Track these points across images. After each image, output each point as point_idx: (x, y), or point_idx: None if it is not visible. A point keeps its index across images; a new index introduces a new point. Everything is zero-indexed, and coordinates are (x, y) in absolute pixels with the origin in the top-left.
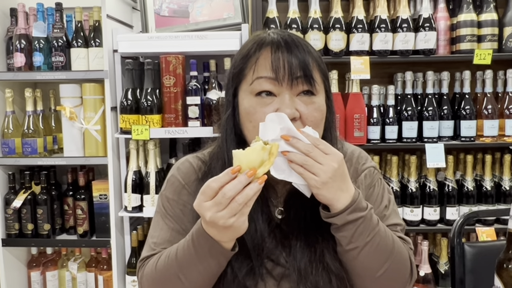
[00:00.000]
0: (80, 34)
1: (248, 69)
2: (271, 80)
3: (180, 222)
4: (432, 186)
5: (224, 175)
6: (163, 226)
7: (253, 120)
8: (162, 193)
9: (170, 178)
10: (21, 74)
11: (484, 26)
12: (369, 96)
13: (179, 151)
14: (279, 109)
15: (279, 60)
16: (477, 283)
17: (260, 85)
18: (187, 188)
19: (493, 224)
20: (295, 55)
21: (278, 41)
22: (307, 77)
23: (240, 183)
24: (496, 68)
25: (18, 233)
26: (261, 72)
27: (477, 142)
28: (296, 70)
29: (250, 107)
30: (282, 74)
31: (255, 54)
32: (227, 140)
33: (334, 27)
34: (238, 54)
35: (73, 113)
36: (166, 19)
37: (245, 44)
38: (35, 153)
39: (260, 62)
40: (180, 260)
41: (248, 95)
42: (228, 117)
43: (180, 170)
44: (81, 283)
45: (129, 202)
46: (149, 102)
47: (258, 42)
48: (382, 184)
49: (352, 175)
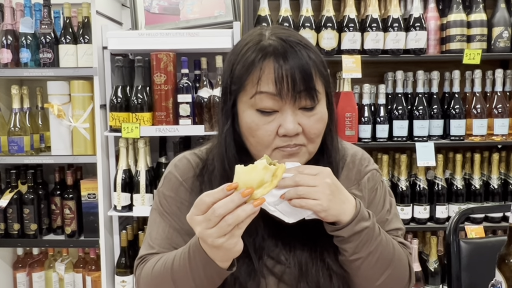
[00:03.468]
0: (68, 31)
1: (249, 80)
2: (273, 96)
3: (177, 220)
4: (422, 184)
5: (219, 191)
6: (160, 223)
7: (256, 136)
8: (159, 190)
9: (167, 175)
10: (8, 70)
11: (473, 26)
12: (360, 95)
13: (170, 150)
14: (281, 125)
15: (282, 75)
16: (473, 279)
17: (262, 101)
18: (184, 185)
19: (481, 223)
20: (298, 67)
21: (280, 51)
22: (310, 90)
23: (232, 202)
24: (485, 68)
25: (4, 233)
26: (264, 87)
27: (466, 141)
28: (299, 84)
29: (252, 122)
30: (285, 90)
31: (259, 65)
32: (227, 150)
33: (326, 25)
34: (238, 62)
35: (61, 111)
36: (156, 16)
37: (245, 50)
38: (21, 151)
39: (262, 77)
40: (175, 271)
41: (248, 108)
42: (228, 130)
43: (178, 167)
44: (69, 284)
45: (118, 201)
46: (139, 99)
47: (261, 52)
48: (384, 186)
49: (355, 177)
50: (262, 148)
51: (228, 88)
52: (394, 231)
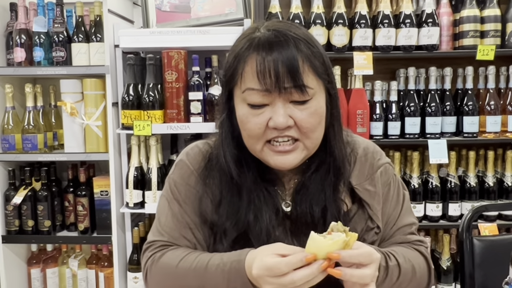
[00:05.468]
0: (81, 29)
1: (237, 75)
2: (260, 91)
3: (187, 207)
4: (435, 182)
5: (298, 262)
6: (170, 211)
7: (247, 129)
8: (170, 177)
9: (178, 162)
10: (21, 69)
11: (487, 22)
12: (371, 92)
13: (181, 147)
14: (272, 118)
15: (264, 69)
16: (487, 278)
17: (251, 96)
18: (195, 173)
19: (495, 220)
20: (282, 60)
21: (265, 42)
22: (297, 86)
23: (312, 274)
24: (498, 64)
25: (18, 229)
26: (249, 83)
27: (480, 138)
28: (284, 79)
29: (243, 115)
30: (269, 84)
31: (243, 58)
32: (223, 144)
33: (337, 22)
34: (231, 51)
35: (74, 109)
36: (167, 14)
37: (238, 42)
38: (35, 149)
39: (246, 71)
40: (207, 279)
41: (241, 102)
42: (223, 120)
43: (189, 155)
44: (82, 280)
45: (130, 198)
46: (151, 97)
47: (247, 43)
48: (397, 180)
49: (368, 171)
50: (254, 141)
51: (224, 81)
52: (407, 227)
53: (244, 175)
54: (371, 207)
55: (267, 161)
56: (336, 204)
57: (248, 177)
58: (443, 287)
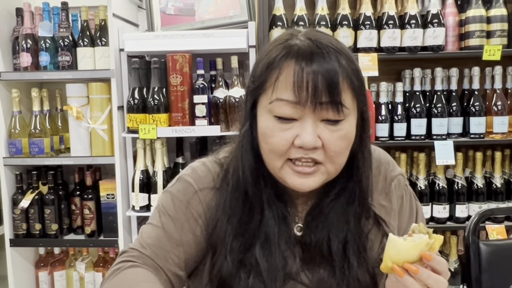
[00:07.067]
0: (86, 33)
1: (268, 83)
2: (292, 103)
3: (178, 228)
4: (441, 183)
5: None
6: (158, 227)
7: (269, 143)
8: (168, 190)
9: (182, 177)
10: (28, 74)
11: (493, 22)
12: (377, 93)
13: (186, 150)
14: (298, 135)
15: (302, 80)
16: (494, 282)
17: (280, 108)
18: (199, 194)
19: (503, 222)
20: (322, 73)
21: (305, 51)
22: (334, 102)
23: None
24: (505, 64)
25: (26, 233)
26: (282, 94)
27: (487, 138)
28: (321, 94)
29: (267, 128)
30: (305, 97)
31: (278, 65)
32: (242, 156)
33: (342, 24)
34: (262, 59)
35: (80, 113)
36: (171, 17)
37: (271, 48)
38: (42, 153)
39: (281, 79)
40: None
41: (266, 113)
42: (246, 131)
43: (196, 173)
44: (89, 283)
45: (136, 201)
46: (156, 101)
47: (284, 50)
48: (409, 191)
49: (382, 184)
50: (275, 157)
51: (249, 89)
52: None
53: (260, 192)
54: (388, 225)
55: (285, 180)
56: (359, 237)
57: (264, 194)
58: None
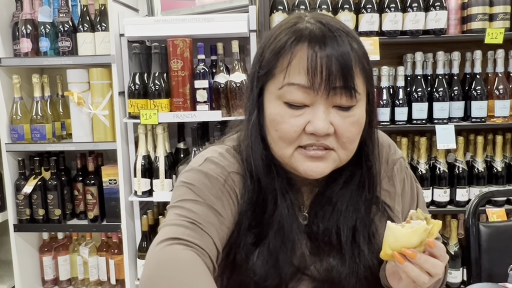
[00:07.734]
0: (86, 19)
1: (278, 68)
2: (305, 88)
3: (220, 204)
4: (442, 167)
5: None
6: (197, 200)
7: (279, 129)
8: (197, 169)
9: (211, 158)
10: (28, 59)
11: (496, 5)
12: (378, 77)
13: (188, 135)
14: (310, 122)
15: (316, 63)
16: (493, 263)
17: (291, 94)
18: (232, 176)
19: (503, 205)
20: (336, 57)
21: (317, 35)
22: (347, 87)
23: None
24: (507, 47)
25: (30, 218)
26: (294, 78)
27: (488, 122)
28: (335, 78)
29: (277, 114)
30: (318, 82)
31: (290, 50)
32: (252, 144)
33: (343, 7)
34: (269, 45)
35: (81, 99)
36: (172, 2)
37: (278, 32)
38: (44, 139)
39: (293, 64)
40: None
41: (275, 99)
42: (254, 122)
43: (224, 157)
44: (93, 267)
45: (138, 186)
46: (157, 86)
47: (295, 35)
48: (410, 174)
49: (384, 168)
50: (285, 145)
51: (255, 73)
52: None
53: (272, 181)
54: (392, 210)
55: (296, 167)
56: (369, 224)
57: (276, 183)
58: (450, 272)
